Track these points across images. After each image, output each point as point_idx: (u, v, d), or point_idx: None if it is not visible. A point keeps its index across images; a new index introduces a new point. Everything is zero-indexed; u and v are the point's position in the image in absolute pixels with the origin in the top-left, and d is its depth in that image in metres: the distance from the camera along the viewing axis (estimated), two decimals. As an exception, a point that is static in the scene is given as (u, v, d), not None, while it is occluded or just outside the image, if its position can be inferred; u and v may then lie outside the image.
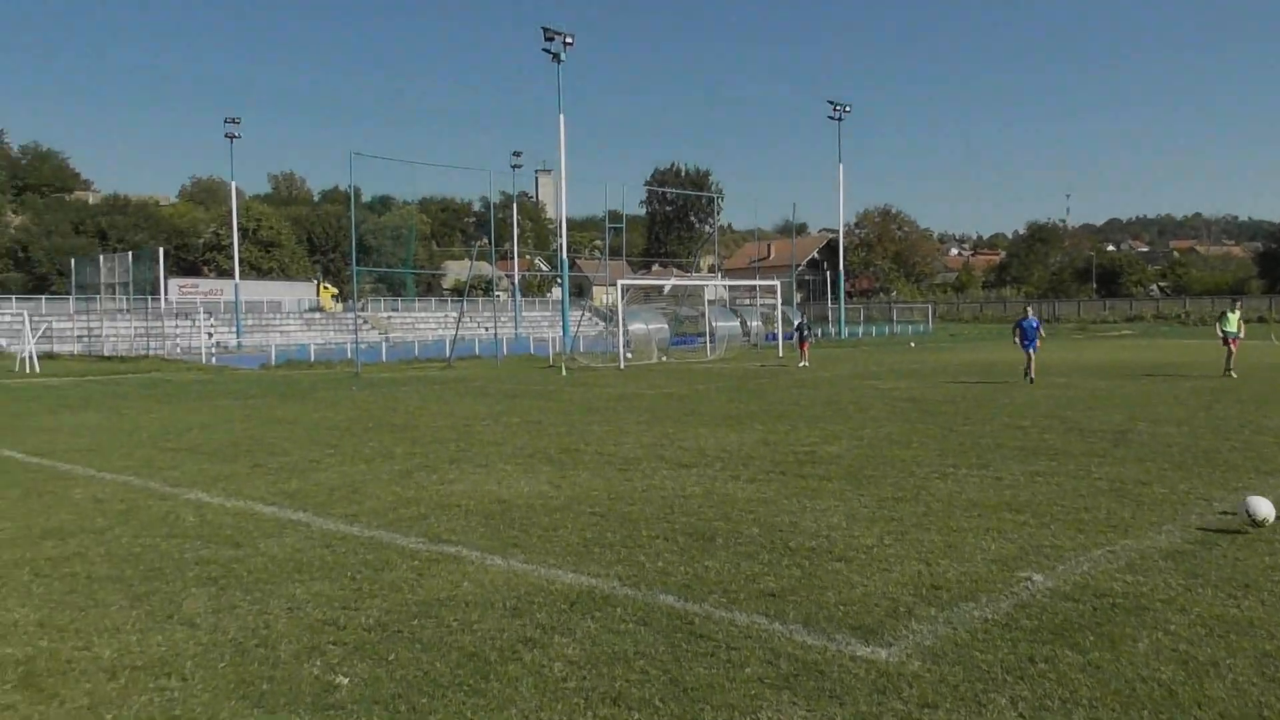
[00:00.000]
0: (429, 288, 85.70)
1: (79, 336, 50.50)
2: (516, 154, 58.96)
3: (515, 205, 65.68)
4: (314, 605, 6.08)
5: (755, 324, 52.20)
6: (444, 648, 5.26)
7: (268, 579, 6.72)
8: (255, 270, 79.38)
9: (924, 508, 8.59)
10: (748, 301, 63.58)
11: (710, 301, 48.62)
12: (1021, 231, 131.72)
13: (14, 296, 57.94)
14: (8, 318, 52.28)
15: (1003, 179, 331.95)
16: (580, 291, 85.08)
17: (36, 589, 6.59)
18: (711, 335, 41.40)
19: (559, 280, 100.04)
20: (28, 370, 34.65)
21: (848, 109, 67.59)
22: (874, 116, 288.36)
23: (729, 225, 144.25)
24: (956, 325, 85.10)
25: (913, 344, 52.24)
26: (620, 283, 38.56)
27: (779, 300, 46.77)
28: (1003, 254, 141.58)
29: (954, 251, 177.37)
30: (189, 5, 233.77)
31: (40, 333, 38.59)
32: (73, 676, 5.00)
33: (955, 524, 7.93)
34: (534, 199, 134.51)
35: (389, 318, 69.47)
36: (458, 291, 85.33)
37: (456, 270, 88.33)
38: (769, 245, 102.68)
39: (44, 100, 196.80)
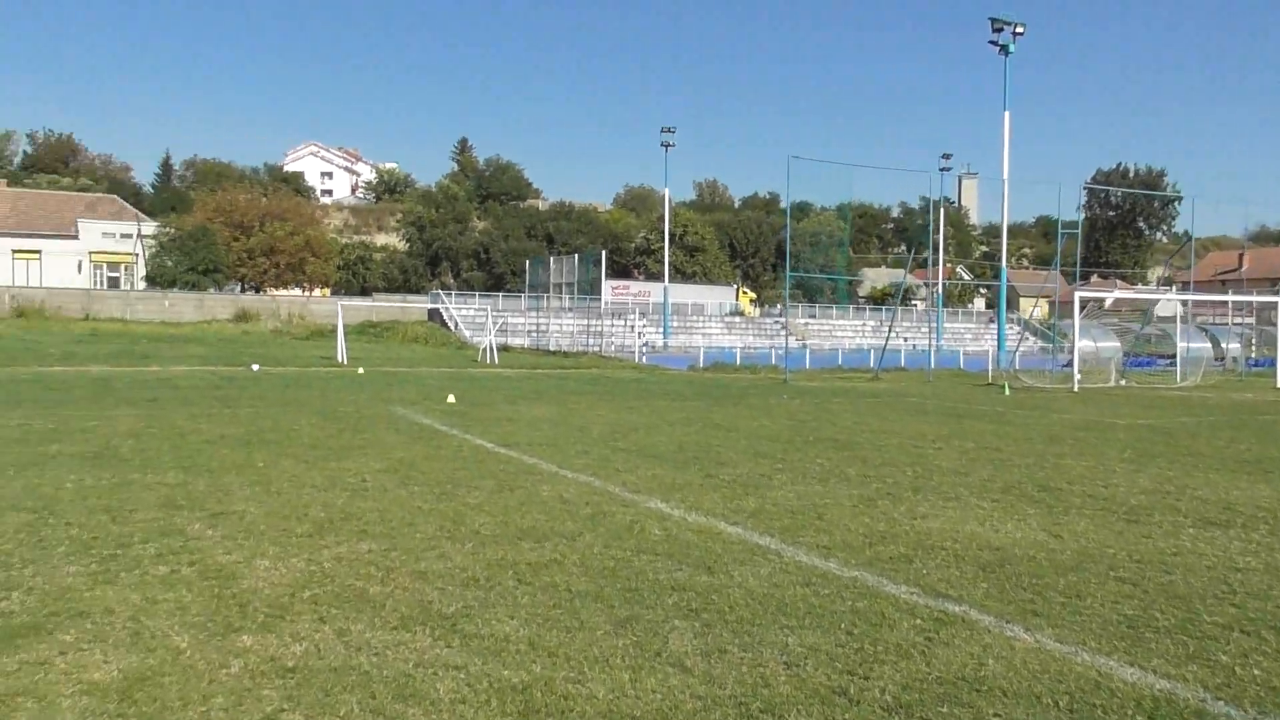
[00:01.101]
0: (845, 295, 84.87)
1: (529, 331, 55.72)
2: (945, 156, 56.02)
3: (941, 210, 62.64)
4: (813, 663, 5.22)
5: (1233, 346, 45.28)
6: (996, 758, 4.14)
7: (751, 619, 6.00)
8: (680, 274, 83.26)
9: None
10: (1215, 320, 55.63)
11: (1166, 318, 42.92)
12: None
13: (477, 293, 65.43)
14: (471, 312, 59.04)
15: None
16: (1008, 303, 79.78)
17: (522, 598, 6.38)
18: (1179, 358, 36.38)
19: (980, 290, 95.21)
20: (487, 361, 38.47)
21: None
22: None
23: (1185, 232, 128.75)
24: None
25: None
26: (1078, 294, 35.02)
27: (1280, 320, 40.18)
28: None
29: None
30: (629, 30, 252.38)
31: (498, 327, 42.85)
32: (571, 718, 4.52)
33: None
34: (956, 204, 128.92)
35: (806, 324, 69.49)
36: (874, 299, 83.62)
37: (873, 278, 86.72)
38: (1240, 255, 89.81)
39: (504, 119, 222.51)
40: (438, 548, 7.69)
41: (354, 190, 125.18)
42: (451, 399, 20.45)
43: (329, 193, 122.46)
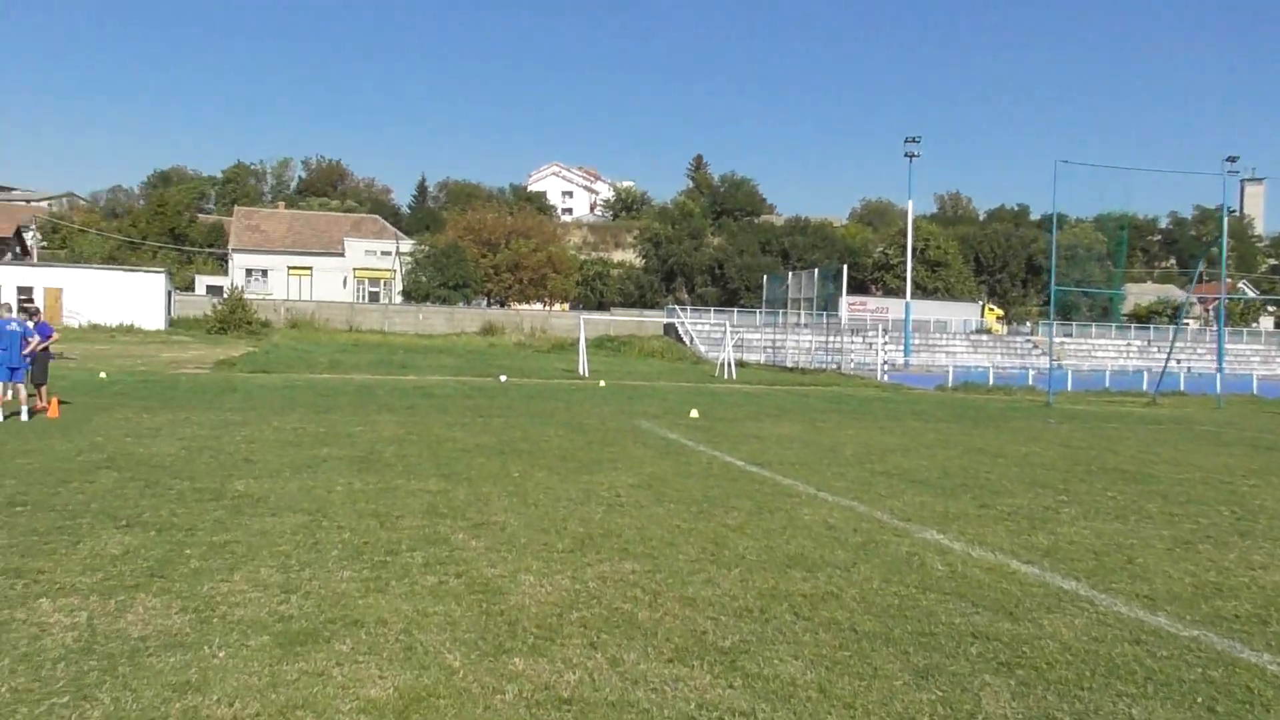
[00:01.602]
0: (1104, 312, 78.87)
1: (764, 347, 55.10)
2: (1231, 159, 50.31)
3: (1224, 219, 56.87)
4: (1174, 748, 4.30)
5: None
6: None
7: (1077, 680, 5.11)
8: (921, 289, 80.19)
9: None
10: None
11: None
12: None
13: (712, 309, 65.50)
14: (707, 327, 59.10)
15: None
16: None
17: (803, 635, 5.78)
18: None
19: (1269, 308, 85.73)
20: (725, 376, 38.14)
21: None
22: None
23: None
24: None
25: None
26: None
27: None
28: None
29: None
30: (863, 42, 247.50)
31: (734, 342, 42.48)
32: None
33: None
34: (1238, 212, 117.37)
35: (1063, 343, 65.01)
36: (1137, 317, 77.27)
37: (1136, 293, 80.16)
38: None
39: (739, 135, 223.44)
40: (703, 572, 7.21)
41: (593, 208, 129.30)
42: (694, 414, 20.15)
43: (569, 211, 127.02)
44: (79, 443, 12.77)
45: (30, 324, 15.81)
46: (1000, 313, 73.11)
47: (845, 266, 51.83)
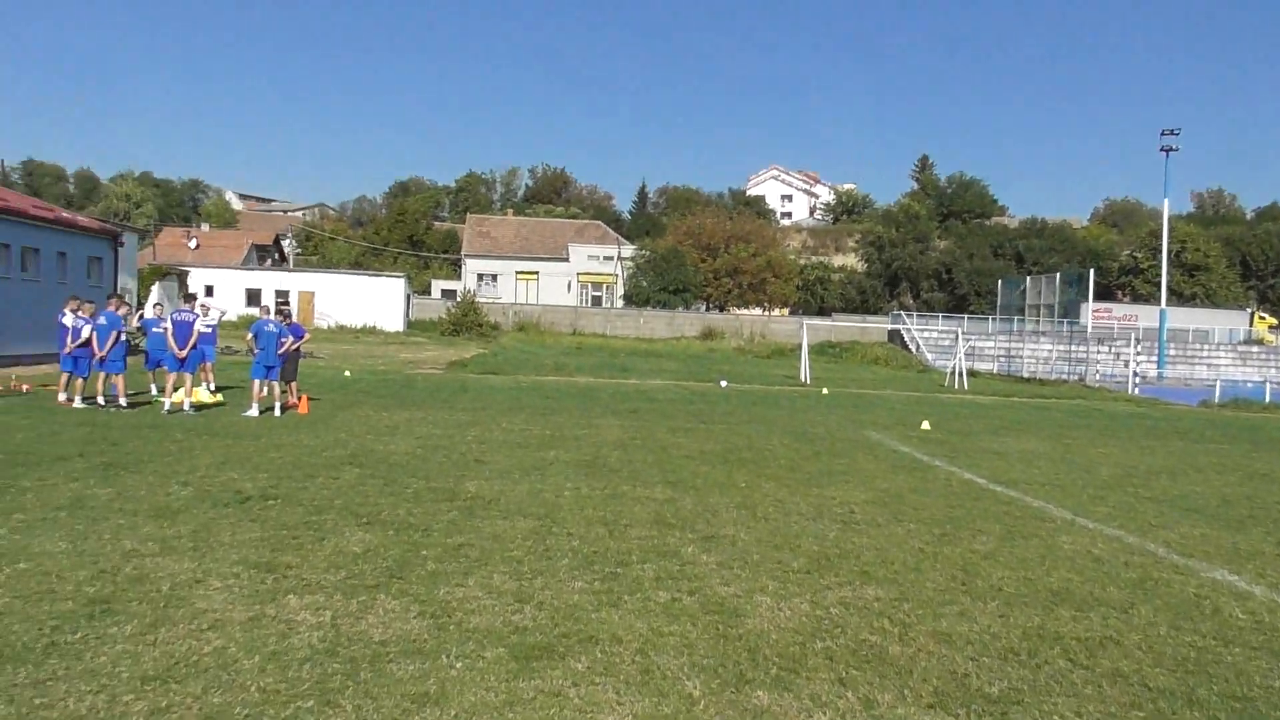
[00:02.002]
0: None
1: (997, 356, 52.23)
2: None
3: None
4: None
5: None
6: None
7: None
8: (1176, 296, 73.88)
9: None
10: None
11: None
12: None
13: (940, 315, 62.80)
14: (935, 334, 56.68)
15: None
16: None
17: (1083, 687, 5.06)
18: None
19: None
20: (956, 386, 36.29)
21: None
22: None
23: None
24: None
25: None
26: None
27: None
28: None
29: None
30: (1110, 26, 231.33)
31: (965, 350, 40.37)
32: None
33: None
34: None
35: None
36: None
37: None
38: None
39: (967, 133, 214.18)
40: (955, 603, 6.56)
41: (812, 212, 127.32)
42: (927, 425, 19.09)
43: (788, 215, 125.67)
44: (325, 438, 13.43)
45: (284, 325, 16.87)
46: (1273, 321, 66.03)
47: (1090, 271, 48.22)
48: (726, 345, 58.19)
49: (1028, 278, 52.22)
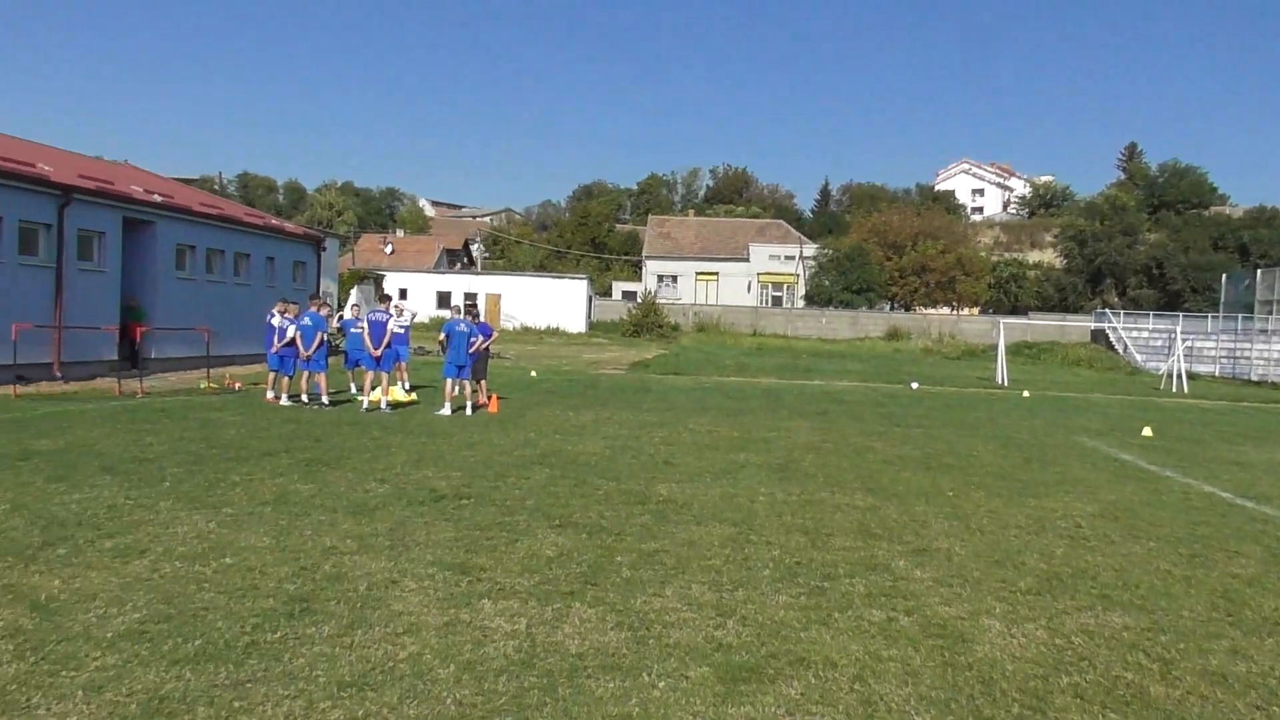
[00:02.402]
0: None
1: (1219, 357, 48.09)
2: None
3: None
4: None
5: None
6: None
7: None
8: None
9: None
10: None
11: None
12: None
13: (1150, 313, 58.36)
14: (1145, 334, 52.74)
15: None
16: None
17: None
18: None
19: None
20: (1173, 389, 33.53)
21: None
22: None
23: None
24: None
25: None
26: None
27: None
28: None
29: None
30: None
31: (1183, 350, 37.21)
32: None
33: None
34: None
35: None
36: None
37: None
38: None
39: (1182, 118, 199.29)
40: (1223, 637, 5.69)
41: (1005, 206, 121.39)
42: (1148, 432, 17.48)
43: (979, 210, 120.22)
44: (514, 438, 13.44)
45: (474, 324, 17.12)
46: None
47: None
48: (913, 346, 56.09)
49: (1257, 271, 47.70)
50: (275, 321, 16.85)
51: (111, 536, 6.95)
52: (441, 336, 16.86)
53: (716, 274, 77.33)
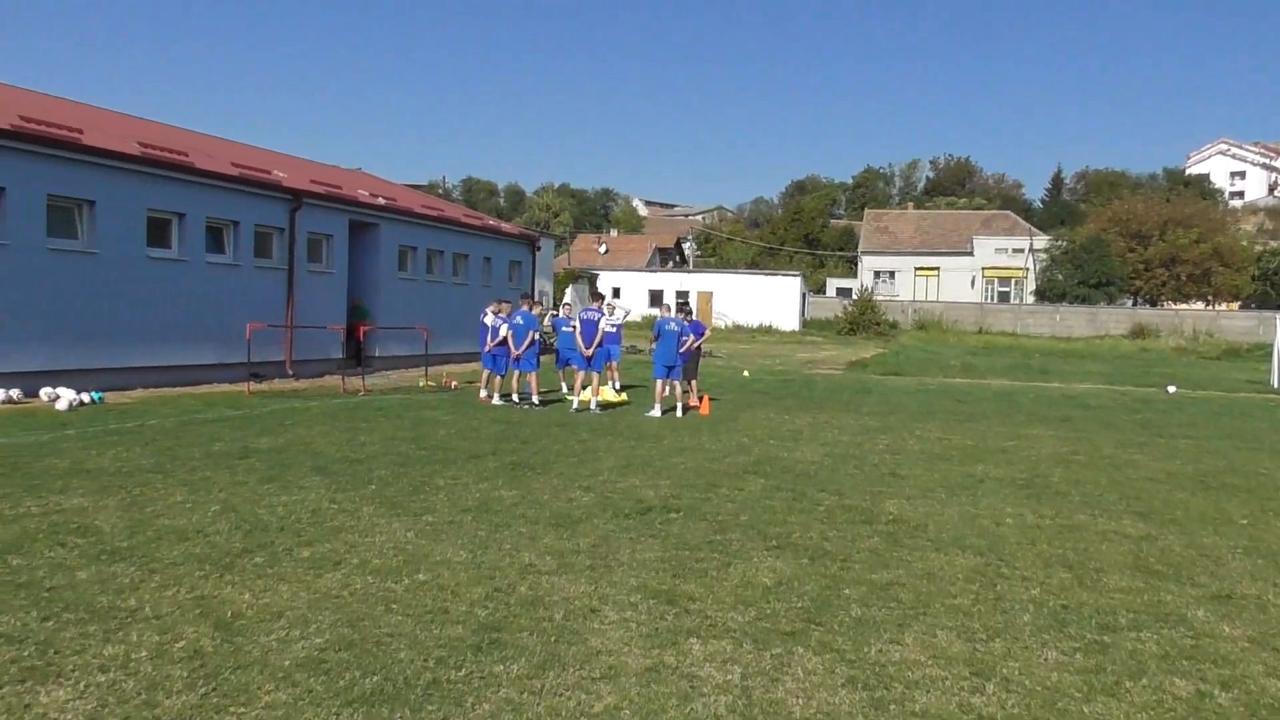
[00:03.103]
0: None
1: None
2: None
3: None
4: None
5: None
6: None
7: None
8: None
9: None
10: None
11: None
12: None
13: None
14: None
15: None
16: None
17: None
18: None
19: None
20: None
21: None
22: None
23: None
24: None
25: None
26: None
27: None
28: None
29: None
30: None
31: None
32: None
33: None
34: None
35: None
36: None
37: None
38: None
39: None
40: None
41: (1272, 190, 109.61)
42: None
43: (1239, 194, 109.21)
44: (726, 443, 12.66)
45: (685, 323, 16.49)
46: None
47: None
48: (1163, 344, 51.23)
49: None
50: (488, 320, 16.85)
51: (310, 544, 6.68)
52: (654, 335, 16.35)
53: (937, 269, 73.90)
